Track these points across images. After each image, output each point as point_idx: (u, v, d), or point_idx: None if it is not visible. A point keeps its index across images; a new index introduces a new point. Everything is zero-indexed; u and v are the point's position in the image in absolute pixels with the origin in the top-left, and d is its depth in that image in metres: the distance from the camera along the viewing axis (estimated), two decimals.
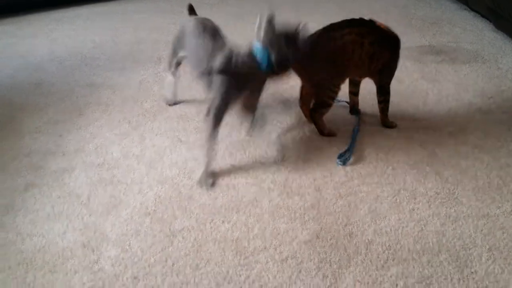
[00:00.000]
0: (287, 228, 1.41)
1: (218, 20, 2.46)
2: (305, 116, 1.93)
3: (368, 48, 1.74)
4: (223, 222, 1.44)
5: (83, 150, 1.78)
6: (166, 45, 2.70)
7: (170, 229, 1.41)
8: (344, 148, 1.76)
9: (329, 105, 1.81)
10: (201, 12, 2.00)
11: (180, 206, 1.50)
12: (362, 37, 1.72)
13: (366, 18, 1.79)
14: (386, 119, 1.92)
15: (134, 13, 3.25)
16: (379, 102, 1.89)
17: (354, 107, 2.01)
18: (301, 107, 1.93)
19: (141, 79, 2.31)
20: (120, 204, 1.52)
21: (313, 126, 1.88)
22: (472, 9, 3.12)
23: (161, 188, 1.59)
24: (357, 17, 1.79)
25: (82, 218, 1.47)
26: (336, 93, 1.79)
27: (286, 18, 1.65)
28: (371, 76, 1.85)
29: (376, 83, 1.87)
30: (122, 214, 1.48)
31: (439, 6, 3.34)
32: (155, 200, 1.53)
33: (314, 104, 1.82)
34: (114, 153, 1.77)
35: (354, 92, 1.98)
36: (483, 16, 3.01)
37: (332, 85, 1.77)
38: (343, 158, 1.71)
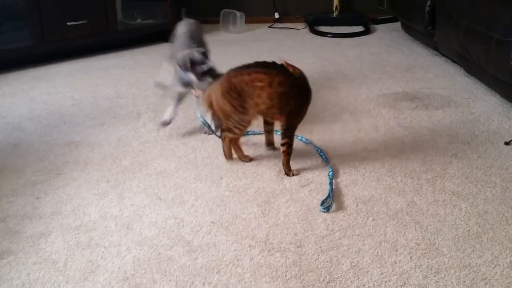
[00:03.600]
0: None
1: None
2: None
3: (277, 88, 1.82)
4: (203, 284, 1.41)
5: (60, 213, 1.75)
6: (145, 99, 2.73)
7: None
8: (322, 197, 1.77)
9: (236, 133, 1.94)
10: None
11: (159, 269, 1.47)
12: (272, 77, 1.82)
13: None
14: (287, 164, 1.95)
15: (114, 67, 3.28)
16: (282, 144, 1.93)
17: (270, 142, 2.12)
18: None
19: (120, 136, 2.32)
20: (97, 269, 1.48)
21: (293, 178, 1.90)
22: (443, 55, 3.24)
23: (140, 250, 1.56)
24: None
25: (59, 285, 1.42)
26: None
27: None
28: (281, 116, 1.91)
29: (283, 124, 1.92)
30: (100, 280, 1.44)
31: (411, 52, 3.45)
32: (134, 263, 1.50)
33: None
34: (92, 214, 1.74)
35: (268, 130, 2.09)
36: (453, 61, 3.11)
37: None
38: (326, 205, 1.72)
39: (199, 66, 2.15)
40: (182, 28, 2.47)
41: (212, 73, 2.14)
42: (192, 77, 2.16)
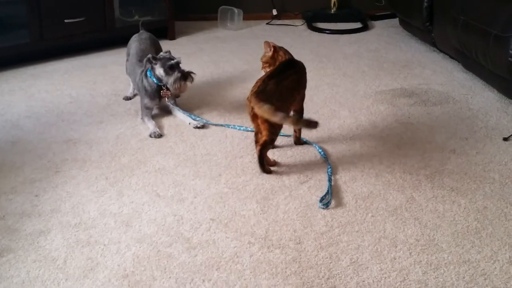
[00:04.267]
0: (269, 285, 1.39)
1: (196, 68, 2.52)
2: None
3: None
4: (203, 281, 1.41)
5: (59, 210, 1.75)
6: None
7: None
8: (321, 193, 1.77)
9: (274, 141, 1.92)
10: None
11: (158, 266, 1.47)
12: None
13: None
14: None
15: (111, 65, 3.27)
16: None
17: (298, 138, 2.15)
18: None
19: (119, 133, 2.31)
20: (97, 267, 1.48)
21: (291, 174, 1.89)
22: (441, 51, 3.23)
23: (139, 247, 1.56)
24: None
25: (58, 283, 1.43)
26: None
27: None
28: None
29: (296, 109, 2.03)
30: (99, 277, 1.44)
31: (408, 48, 3.45)
32: (133, 261, 1.50)
33: (265, 142, 1.86)
34: (91, 212, 1.74)
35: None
36: (451, 57, 3.11)
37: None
38: (325, 202, 1.73)
39: (167, 61, 2.30)
40: (135, 46, 2.60)
41: (179, 67, 2.30)
42: (161, 71, 2.31)
